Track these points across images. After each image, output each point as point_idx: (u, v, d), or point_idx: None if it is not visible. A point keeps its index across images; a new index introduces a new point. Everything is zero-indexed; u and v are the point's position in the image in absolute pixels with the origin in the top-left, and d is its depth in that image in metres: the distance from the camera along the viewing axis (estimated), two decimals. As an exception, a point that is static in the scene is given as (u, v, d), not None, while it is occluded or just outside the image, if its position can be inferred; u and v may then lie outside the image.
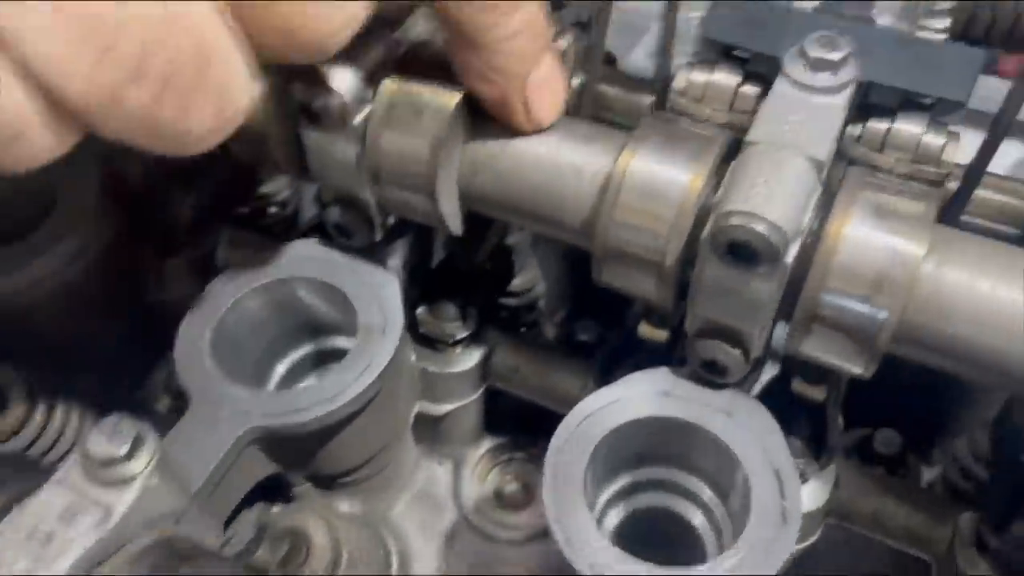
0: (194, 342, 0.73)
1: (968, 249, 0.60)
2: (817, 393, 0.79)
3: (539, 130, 0.68)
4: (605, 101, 0.90)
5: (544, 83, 0.65)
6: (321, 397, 0.70)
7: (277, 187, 1.12)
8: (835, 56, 0.63)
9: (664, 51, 0.78)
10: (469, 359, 0.87)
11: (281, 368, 0.84)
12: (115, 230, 0.90)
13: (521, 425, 0.95)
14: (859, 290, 0.59)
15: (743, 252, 0.57)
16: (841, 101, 0.63)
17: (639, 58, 1.01)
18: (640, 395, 0.70)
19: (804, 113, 0.63)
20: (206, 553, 0.59)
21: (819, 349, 0.63)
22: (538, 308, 1.04)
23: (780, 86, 0.65)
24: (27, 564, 0.54)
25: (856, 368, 0.63)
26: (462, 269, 0.87)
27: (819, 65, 0.64)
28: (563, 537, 0.61)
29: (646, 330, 0.85)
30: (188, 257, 0.97)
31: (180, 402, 0.72)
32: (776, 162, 0.60)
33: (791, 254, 0.59)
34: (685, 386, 0.70)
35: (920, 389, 0.91)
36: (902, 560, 0.78)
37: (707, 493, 0.72)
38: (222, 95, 0.47)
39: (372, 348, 0.73)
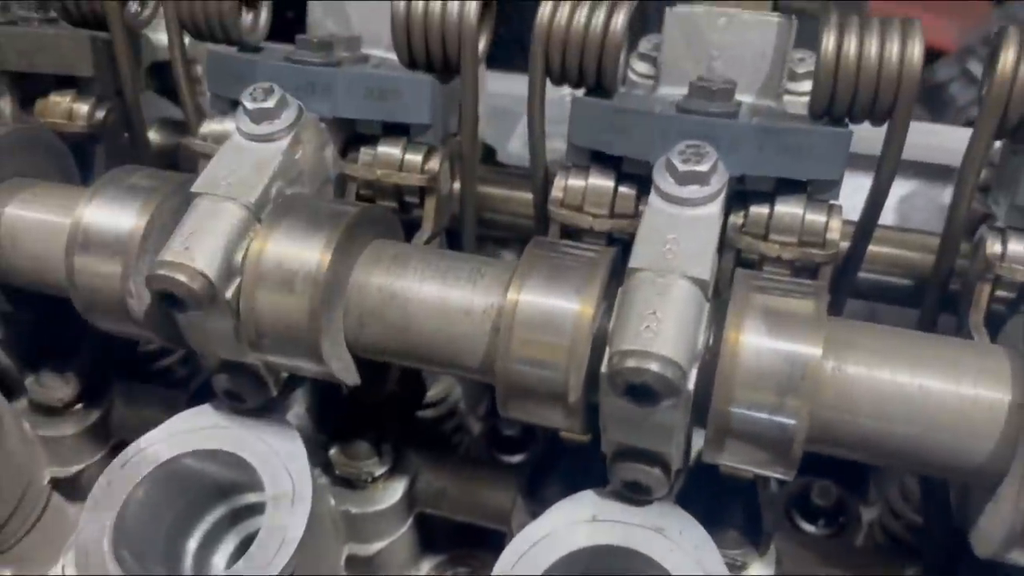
0: (94, 542, 0.68)
1: (863, 341, 0.60)
2: (746, 473, 0.78)
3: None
4: (488, 203, 0.88)
5: None
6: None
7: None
8: (703, 168, 0.62)
9: (534, 147, 0.75)
10: (393, 493, 0.84)
11: (193, 543, 0.79)
12: None
13: (458, 540, 0.92)
14: (766, 399, 0.58)
15: (642, 391, 0.56)
16: (715, 210, 0.63)
17: (516, 146, 1.00)
18: (569, 525, 0.67)
19: (680, 229, 0.61)
20: None
21: (736, 460, 0.62)
22: (459, 412, 1.02)
23: (654, 201, 0.64)
24: None
25: (776, 474, 0.62)
26: (371, 402, 0.84)
27: (688, 178, 0.63)
28: None
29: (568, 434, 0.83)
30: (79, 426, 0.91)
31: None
32: (661, 290, 0.58)
33: (691, 380, 0.58)
34: (612, 507, 0.68)
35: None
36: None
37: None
38: None
39: (284, 520, 0.69)
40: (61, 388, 0.88)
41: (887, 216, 0.82)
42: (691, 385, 0.57)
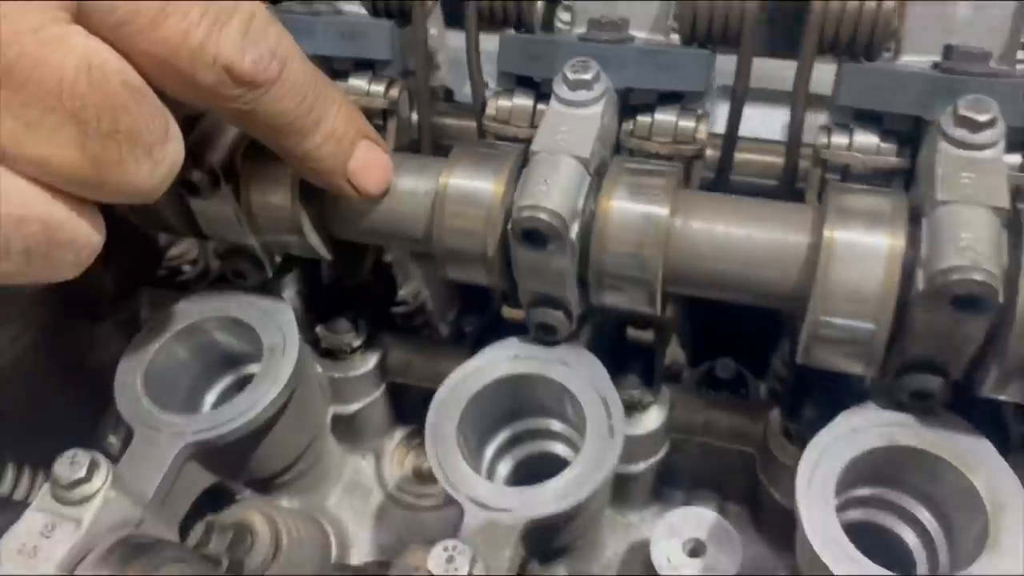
0: (130, 385, 0.88)
1: (706, 205, 0.79)
2: (647, 336, 0.97)
3: (370, 198, 0.83)
4: (443, 131, 1.07)
5: (363, 166, 0.79)
6: (240, 411, 0.86)
7: (186, 248, 1.27)
8: (588, 76, 0.82)
9: (473, 82, 0.96)
10: (367, 362, 1.04)
11: (211, 397, 0.99)
12: (50, 310, 1.05)
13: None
14: (628, 249, 0.77)
15: (535, 236, 0.75)
16: (598, 109, 0.82)
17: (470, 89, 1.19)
18: (495, 361, 0.87)
19: (570, 123, 0.81)
20: (163, 542, 0.74)
21: (614, 299, 0.81)
22: (427, 312, 1.21)
23: (553, 104, 0.83)
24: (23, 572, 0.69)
25: (644, 307, 0.81)
26: (348, 288, 1.04)
27: (578, 85, 0.82)
28: (443, 476, 0.79)
29: (508, 312, 1.02)
30: (115, 321, 1.11)
31: (127, 440, 0.87)
32: (552, 165, 0.78)
33: (573, 231, 0.77)
34: (530, 348, 0.88)
35: (749, 322, 1.11)
36: (735, 456, 0.96)
37: (561, 428, 0.90)
38: (73, 250, 0.65)
39: (276, 364, 0.89)
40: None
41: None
42: (573, 235, 0.77)
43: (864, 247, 0.71)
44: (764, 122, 1.04)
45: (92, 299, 1.13)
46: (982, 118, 0.73)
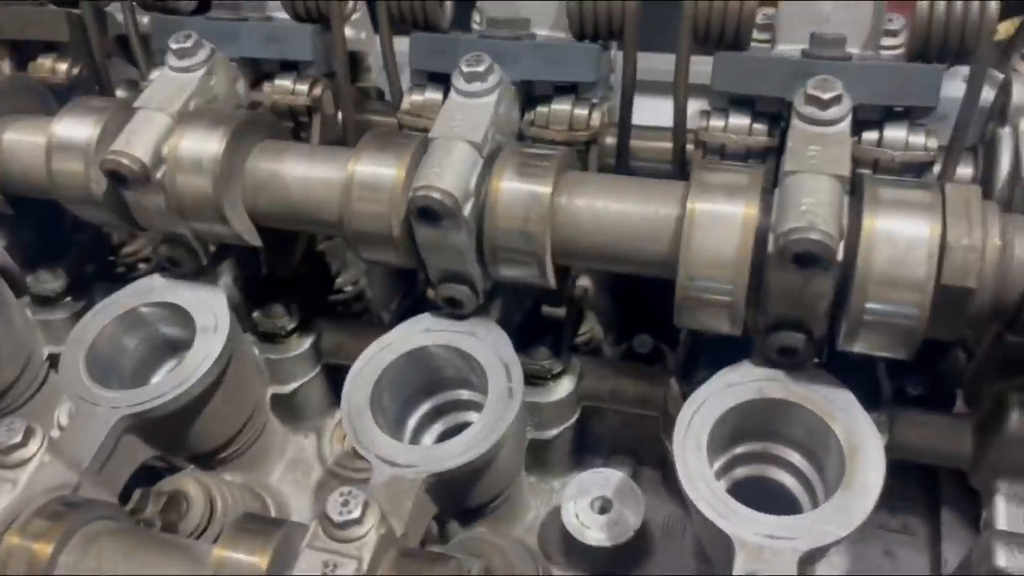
0: (72, 364, 0.95)
1: (588, 183, 0.87)
2: (559, 312, 1.05)
3: None
4: (371, 127, 1.14)
5: None
6: (172, 386, 0.93)
7: (140, 245, 1.34)
8: (481, 68, 0.90)
9: (390, 80, 1.03)
10: (302, 344, 1.11)
11: (156, 379, 1.06)
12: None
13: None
14: (516, 225, 0.84)
15: (430, 214, 0.83)
16: (492, 99, 0.90)
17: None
18: (409, 335, 0.95)
19: (466, 112, 0.89)
20: (95, 502, 0.81)
21: (510, 272, 0.89)
22: (366, 299, 1.29)
23: (452, 95, 0.91)
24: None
25: (536, 279, 0.88)
26: (283, 276, 1.11)
27: (472, 77, 0.90)
28: (354, 437, 0.86)
29: (431, 293, 1.10)
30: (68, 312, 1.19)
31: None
32: (447, 149, 0.85)
33: (467, 210, 0.84)
34: (441, 322, 0.95)
35: (665, 297, 1.18)
36: (645, 421, 1.03)
37: (474, 396, 0.97)
38: None
39: (208, 343, 0.96)
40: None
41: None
42: (467, 213, 0.84)
43: (721, 216, 0.78)
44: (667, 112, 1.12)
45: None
46: (827, 96, 0.81)
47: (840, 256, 0.74)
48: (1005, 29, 1.12)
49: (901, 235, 0.74)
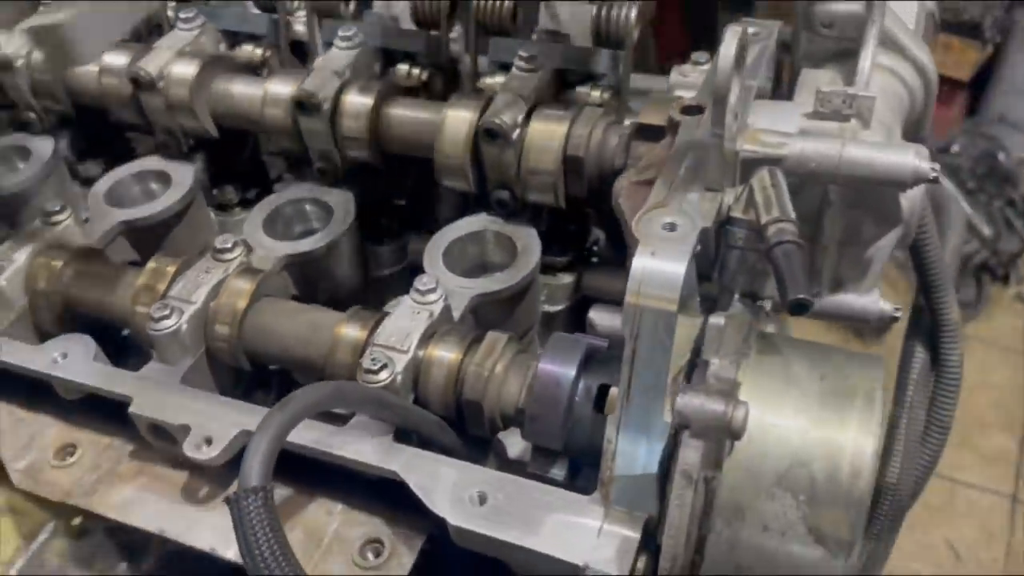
0: (96, 194, 1.59)
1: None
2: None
3: None
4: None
5: None
6: (155, 205, 1.56)
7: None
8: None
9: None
10: (243, 214, 1.73)
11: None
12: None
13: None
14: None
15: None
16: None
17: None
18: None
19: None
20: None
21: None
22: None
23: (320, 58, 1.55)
24: None
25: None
26: (236, 170, 1.74)
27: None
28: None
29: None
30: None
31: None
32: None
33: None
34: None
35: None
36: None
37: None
38: None
39: (178, 188, 1.59)
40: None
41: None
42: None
43: (460, 118, 1.39)
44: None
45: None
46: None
47: (515, 137, 1.36)
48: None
49: (547, 127, 1.35)
